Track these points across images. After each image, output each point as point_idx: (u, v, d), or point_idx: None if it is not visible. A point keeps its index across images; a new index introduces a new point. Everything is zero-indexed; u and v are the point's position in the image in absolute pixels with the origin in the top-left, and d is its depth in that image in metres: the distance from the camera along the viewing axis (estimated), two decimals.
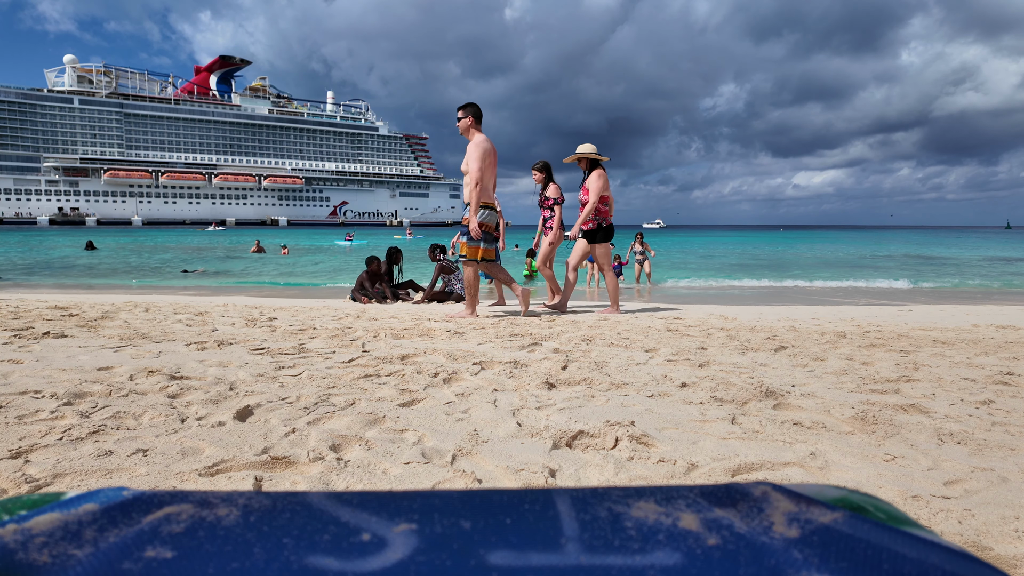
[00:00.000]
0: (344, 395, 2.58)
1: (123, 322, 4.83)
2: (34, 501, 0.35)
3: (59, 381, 2.71)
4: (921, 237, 64.46)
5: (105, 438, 1.97)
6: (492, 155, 5.51)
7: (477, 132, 5.51)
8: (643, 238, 13.75)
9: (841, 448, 2.01)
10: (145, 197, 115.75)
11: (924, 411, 2.47)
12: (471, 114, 5.51)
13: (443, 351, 3.68)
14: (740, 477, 1.78)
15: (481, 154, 5.38)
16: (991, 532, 1.44)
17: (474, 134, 5.49)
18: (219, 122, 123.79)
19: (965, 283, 13.52)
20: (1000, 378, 3.10)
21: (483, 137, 5.50)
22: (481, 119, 5.58)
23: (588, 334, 4.52)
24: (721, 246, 39.92)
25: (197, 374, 2.94)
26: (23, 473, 1.66)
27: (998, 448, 2.04)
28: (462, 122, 5.54)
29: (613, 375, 3.05)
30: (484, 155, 5.40)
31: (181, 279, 13.91)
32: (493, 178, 5.61)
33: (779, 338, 4.44)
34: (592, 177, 6.17)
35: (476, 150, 5.38)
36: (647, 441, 2.04)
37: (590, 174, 6.21)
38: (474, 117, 5.51)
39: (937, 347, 4.12)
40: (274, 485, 1.67)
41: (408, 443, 1.99)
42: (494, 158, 5.55)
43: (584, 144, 6.32)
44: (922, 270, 17.90)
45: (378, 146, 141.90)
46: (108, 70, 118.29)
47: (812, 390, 2.80)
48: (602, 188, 6.14)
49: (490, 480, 1.72)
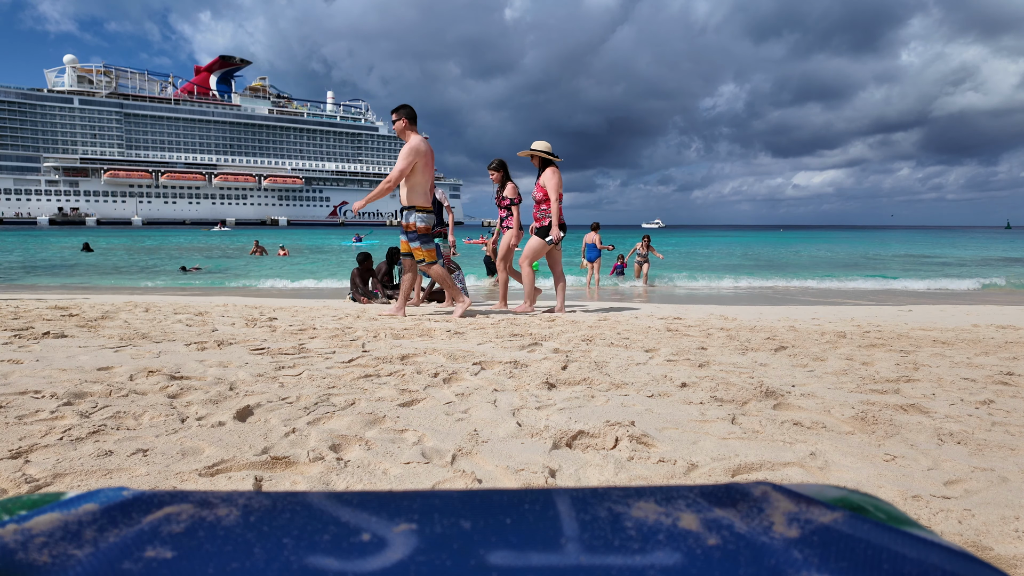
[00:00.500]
0: (344, 395, 2.58)
1: (123, 322, 4.83)
2: (34, 501, 0.35)
3: (59, 381, 2.71)
4: (923, 237, 64.34)
5: (105, 438, 1.97)
6: (426, 156, 5.47)
7: (413, 133, 5.48)
8: (650, 241, 13.54)
9: (841, 448, 2.01)
10: (145, 197, 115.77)
11: (924, 411, 2.47)
12: (405, 116, 5.47)
13: (443, 351, 3.68)
14: (740, 477, 1.78)
15: (409, 154, 5.34)
16: (991, 532, 1.44)
17: (410, 135, 5.46)
18: (219, 122, 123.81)
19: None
20: (1000, 378, 3.10)
21: (419, 138, 5.46)
22: (416, 120, 5.55)
23: (588, 334, 4.52)
24: (720, 246, 39.90)
25: (197, 374, 2.94)
26: (23, 473, 1.66)
27: (998, 448, 2.04)
28: (397, 124, 5.50)
29: (613, 375, 3.05)
30: (413, 155, 5.36)
31: (184, 278, 13.90)
32: (429, 180, 5.58)
33: (779, 338, 4.44)
34: (547, 174, 6.19)
35: (405, 150, 5.36)
36: (647, 441, 2.04)
37: (543, 172, 6.24)
38: (408, 119, 5.48)
39: (937, 347, 4.12)
40: (274, 485, 1.67)
41: (408, 443, 1.99)
42: (429, 159, 5.51)
43: (539, 141, 6.35)
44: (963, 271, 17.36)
45: (378, 146, 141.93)
46: (108, 70, 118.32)
47: (812, 390, 2.80)
48: (559, 185, 6.19)
49: (490, 480, 1.72)
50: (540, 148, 6.29)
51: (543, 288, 8.99)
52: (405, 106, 5.54)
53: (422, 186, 5.50)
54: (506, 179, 6.65)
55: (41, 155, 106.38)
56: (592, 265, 12.96)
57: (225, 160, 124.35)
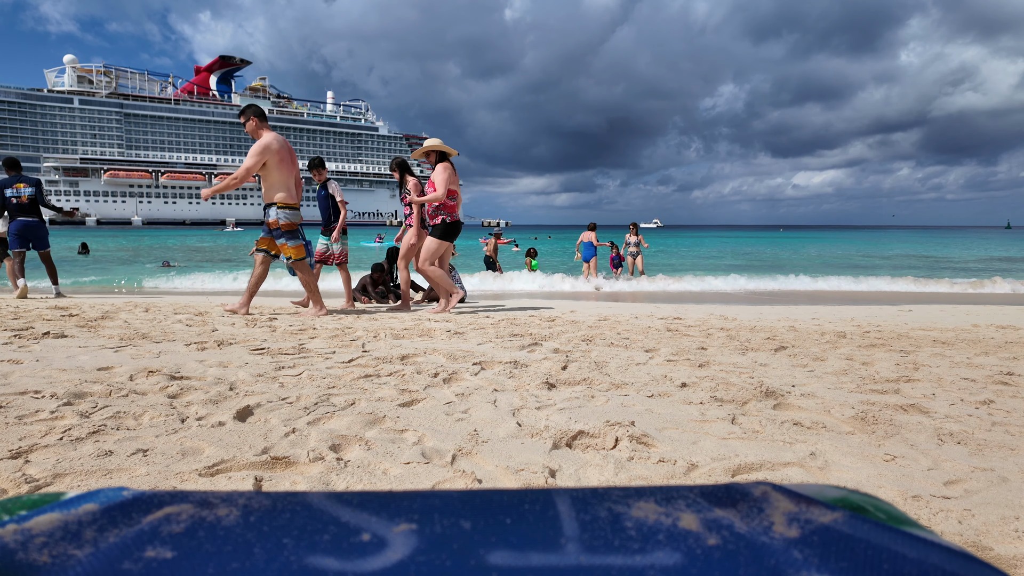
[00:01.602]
0: (344, 395, 2.58)
1: (123, 322, 4.83)
2: (34, 501, 0.35)
3: (59, 381, 2.71)
4: (925, 237, 64.12)
5: (105, 438, 1.97)
6: (280, 153, 5.36)
7: (265, 131, 5.40)
8: (638, 229, 13.57)
9: (841, 448, 2.01)
10: (145, 197, 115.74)
11: (924, 411, 2.47)
12: (253, 115, 5.40)
13: (443, 351, 3.68)
14: (740, 477, 1.78)
15: (257, 152, 5.26)
16: (991, 532, 1.44)
17: (261, 134, 5.39)
18: (219, 122, 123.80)
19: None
20: (1000, 378, 3.10)
21: (272, 136, 5.38)
22: (265, 118, 5.46)
23: (588, 334, 4.52)
24: (716, 247, 39.89)
25: (197, 374, 2.94)
26: (23, 473, 1.66)
27: (998, 448, 2.04)
28: (248, 126, 5.42)
29: (613, 375, 3.05)
30: (262, 153, 5.26)
31: None
32: (291, 177, 5.46)
33: (779, 338, 4.44)
34: (437, 170, 6.04)
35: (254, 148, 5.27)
36: (647, 441, 2.04)
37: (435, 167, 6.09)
38: (257, 117, 5.41)
39: (937, 347, 4.12)
40: (274, 485, 1.67)
41: (408, 443, 1.99)
42: (285, 156, 5.40)
43: (431, 139, 6.20)
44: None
45: (378, 146, 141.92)
46: (108, 70, 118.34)
47: (812, 390, 2.80)
48: (448, 181, 5.99)
49: (490, 480, 1.72)
50: (432, 144, 6.12)
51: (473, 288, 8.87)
52: (251, 106, 5.47)
53: (281, 183, 5.38)
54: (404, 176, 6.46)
55: (41, 155, 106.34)
56: (588, 264, 12.97)
57: (225, 160, 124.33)
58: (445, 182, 5.97)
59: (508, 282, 11.34)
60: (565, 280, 11.68)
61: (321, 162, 7.00)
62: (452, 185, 6.03)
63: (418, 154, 6.33)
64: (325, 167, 7.08)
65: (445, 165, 6.07)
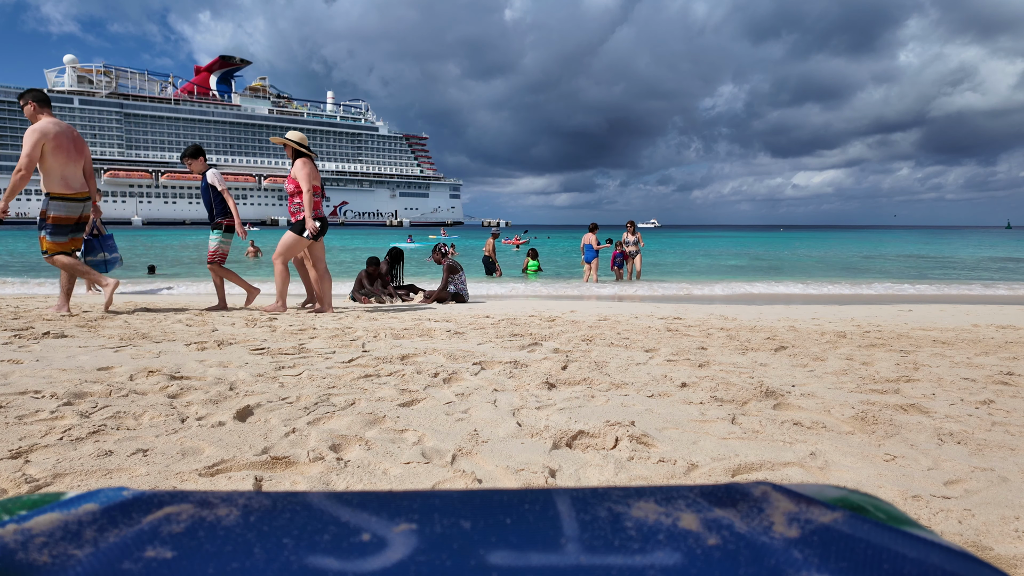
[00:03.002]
0: (344, 395, 2.58)
1: (123, 322, 4.83)
2: (34, 501, 0.35)
3: (59, 381, 2.71)
4: (927, 237, 63.95)
5: (105, 438, 1.97)
6: (57, 139, 5.09)
7: (44, 116, 5.21)
8: (635, 227, 13.54)
9: (841, 448, 2.01)
10: (145, 197, 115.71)
11: (924, 411, 2.47)
12: (32, 99, 5.22)
13: (443, 351, 3.68)
14: (740, 477, 1.78)
15: (32, 135, 5.06)
16: (991, 532, 1.44)
17: (40, 118, 5.20)
18: (219, 122, 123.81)
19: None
20: (1000, 378, 3.10)
21: (50, 120, 5.15)
22: (47, 103, 5.29)
23: (588, 334, 4.52)
24: (719, 247, 39.87)
25: (197, 374, 2.94)
26: (23, 473, 1.66)
27: (998, 448, 2.04)
28: (26, 109, 5.24)
29: (613, 375, 3.05)
30: (38, 136, 5.06)
31: None
32: (68, 165, 5.18)
33: (779, 338, 4.44)
34: (298, 165, 5.85)
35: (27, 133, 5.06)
36: (647, 441, 2.04)
37: (295, 163, 5.90)
38: (36, 102, 5.23)
39: (937, 347, 4.12)
40: (274, 485, 1.67)
41: (408, 443, 1.99)
42: (65, 141, 5.14)
43: (293, 131, 6.03)
44: None
45: (378, 146, 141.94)
46: (108, 70, 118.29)
47: (812, 390, 2.80)
48: (310, 176, 5.81)
49: (490, 480, 1.72)
50: (293, 138, 5.95)
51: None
52: (31, 90, 5.29)
53: (56, 172, 5.16)
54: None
55: None
56: (589, 266, 12.97)
57: (225, 160, 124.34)
58: (308, 177, 5.78)
59: (509, 283, 11.36)
60: (566, 282, 11.69)
61: (195, 151, 6.19)
62: (315, 181, 5.85)
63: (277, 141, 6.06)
64: (201, 156, 6.23)
65: (305, 160, 5.87)
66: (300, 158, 5.91)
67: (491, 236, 14.87)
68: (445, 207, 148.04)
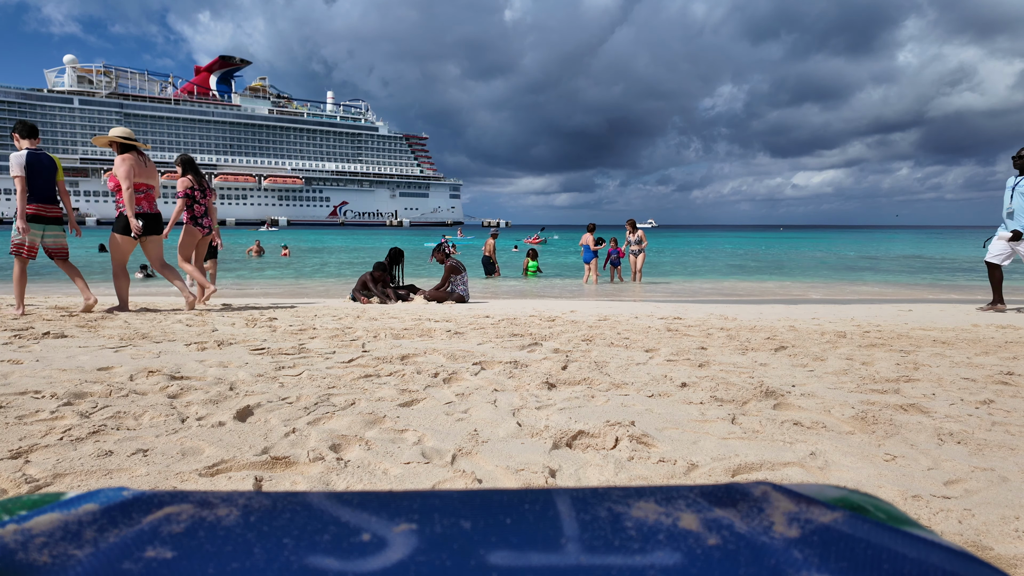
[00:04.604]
0: (344, 395, 2.58)
1: (123, 322, 4.83)
2: (34, 501, 0.35)
3: (59, 381, 2.71)
4: (928, 237, 63.73)
5: (105, 438, 1.97)
6: None
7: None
8: (636, 224, 13.42)
9: (841, 448, 2.01)
10: None
11: (924, 411, 2.47)
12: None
13: (443, 351, 3.68)
14: (740, 477, 1.78)
15: None
16: (991, 532, 1.44)
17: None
18: (219, 122, 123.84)
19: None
20: (1000, 378, 3.10)
21: None
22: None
23: (588, 334, 4.52)
24: (719, 248, 39.87)
25: (197, 374, 2.94)
26: (23, 473, 1.66)
27: (998, 448, 2.04)
28: None
29: (613, 375, 3.05)
30: None
31: None
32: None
33: (779, 338, 4.44)
34: (117, 162, 5.62)
35: None
36: (647, 441, 2.04)
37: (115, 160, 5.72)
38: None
39: (937, 347, 4.12)
40: (274, 485, 1.67)
41: (408, 443, 1.99)
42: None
43: (116, 127, 5.79)
44: None
45: (378, 146, 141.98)
46: (108, 70, 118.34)
47: (812, 390, 2.80)
48: (127, 174, 5.53)
49: (490, 480, 1.72)
50: (117, 134, 5.69)
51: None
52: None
53: None
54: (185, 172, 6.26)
55: None
56: (588, 266, 12.95)
57: (225, 160, 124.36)
58: (128, 174, 5.55)
59: (509, 283, 11.35)
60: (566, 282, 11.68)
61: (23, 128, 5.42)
62: (139, 178, 5.63)
63: (100, 142, 5.84)
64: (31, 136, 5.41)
65: (124, 157, 5.61)
66: (124, 153, 5.65)
67: (491, 236, 14.87)
68: (445, 207, 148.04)
